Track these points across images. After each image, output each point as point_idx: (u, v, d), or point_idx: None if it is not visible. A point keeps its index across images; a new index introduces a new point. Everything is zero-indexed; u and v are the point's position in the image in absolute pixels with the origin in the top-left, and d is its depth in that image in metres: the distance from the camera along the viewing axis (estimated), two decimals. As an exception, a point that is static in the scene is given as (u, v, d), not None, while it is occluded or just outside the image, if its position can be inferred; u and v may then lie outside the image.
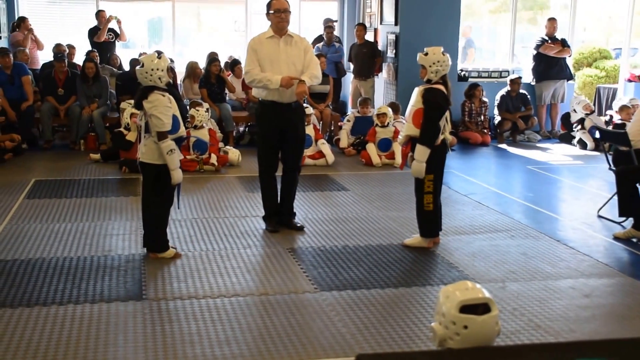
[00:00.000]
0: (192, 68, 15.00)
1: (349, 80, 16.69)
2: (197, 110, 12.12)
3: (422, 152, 7.64)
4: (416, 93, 7.74)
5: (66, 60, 14.34)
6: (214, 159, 11.85)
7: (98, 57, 15.27)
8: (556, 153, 14.37)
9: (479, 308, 3.36)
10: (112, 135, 12.93)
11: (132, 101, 10.17)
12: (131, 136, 11.77)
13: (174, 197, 7.52)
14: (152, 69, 7.20)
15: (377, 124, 12.90)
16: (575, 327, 6.07)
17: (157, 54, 7.38)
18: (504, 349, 3.47)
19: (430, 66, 7.64)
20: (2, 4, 16.30)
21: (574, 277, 7.21)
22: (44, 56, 16.03)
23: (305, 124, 9.53)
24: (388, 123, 12.86)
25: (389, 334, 5.81)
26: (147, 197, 7.52)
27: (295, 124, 8.50)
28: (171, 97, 7.32)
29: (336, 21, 17.50)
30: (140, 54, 15.60)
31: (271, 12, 8.29)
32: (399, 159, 12.40)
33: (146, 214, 7.55)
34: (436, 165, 7.78)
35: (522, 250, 8.02)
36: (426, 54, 7.68)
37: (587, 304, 6.55)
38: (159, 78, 7.22)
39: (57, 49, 15.05)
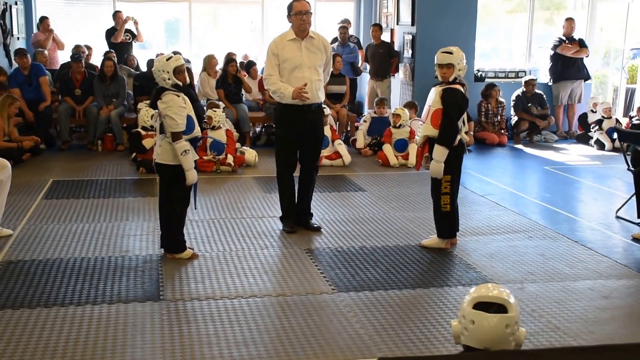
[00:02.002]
0: (208, 61, 14.99)
1: (365, 81, 16.67)
2: (215, 111, 12.11)
3: (440, 153, 7.60)
4: (434, 93, 7.69)
5: (83, 61, 14.36)
6: (230, 159, 11.84)
7: (116, 58, 15.29)
8: (573, 153, 14.32)
9: (493, 307, 3.35)
10: (130, 135, 12.93)
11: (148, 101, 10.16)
12: (148, 143, 11.74)
13: (191, 197, 7.52)
14: (159, 70, 7.22)
15: (392, 125, 12.88)
16: (594, 328, 6.03)
17: (169, 55, 7.36)
18: (522, 353, 3.43)
19: (458, 63, 7.57)
20: (20, 5, 16.34)
21: (592, 278, 7.18)
22: (64, 57, 16.06)
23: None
24: (400, 125, 12.82)
25: (407, 335, 5.79)
26: (163, 198, 7.53)
27: (314, 125, 8.50)
28: (186, 97, 7.31)
29: (345, 21, 17.43)
30: (157, 55, 15.64)
31: (292, 14, 8.26)
32: (413, 160, 12.38)
33: (163, 214, 7.55)
34: (454, 166, 7.75)
35: (540, 251, 7.99)
36: (452, 53, 7.61)
37: (606, 305, 6.52)
38: (164, 80, 7.22)
39: (76, 50, 15.08)
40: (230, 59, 14.70)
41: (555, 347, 5.55)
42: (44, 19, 15.87)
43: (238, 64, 14.83)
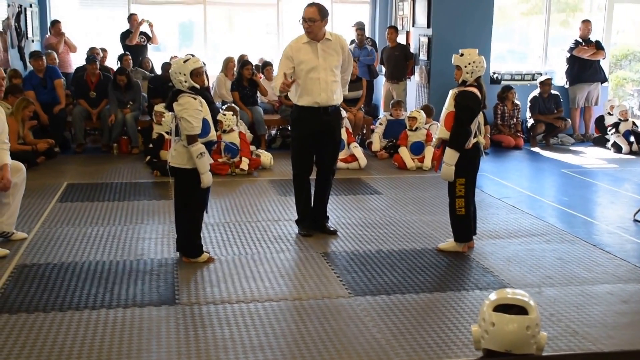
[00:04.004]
0: (226, 63, 14.98)
1: (381, 83, 16.64)
2: (224, 115, 12.07)
3: (450, 155, 7.59)
4: (450, 96, 7.69)
5: (98, 63, 14.35)
6: (245, 163, 11.81)
7: (131, 61, 15.28)
8: (590, 156, 14.24)
9: (513, 309, 3.32)
10: (151, 140, 12.82)
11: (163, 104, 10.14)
12: (164, 155, 11.68)
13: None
14: (175, 72, 7.18)
15: (408, 127, 12.84)
16: (613, 333, 5.98)
17: (186, 58, 7.33)
18: (545, 359, 3.40)
19: (465, 67, 7.57)
20: (35, 7, 16.37)
21: (611, 282, 7.12)
22: (77, 60, 16.07)
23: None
24: (417, 127, 12.77)
25: (425, 340, 5.75)
26: (179, 202, 7.50)
27: (332, 127, 8.47)
28: (203, 100, 7.28)
29: (359, 24, 17.41)
30: (171, 58, 15.62)
31: (300, 19, 8.26)
32: (428, 162, 12.39)
33: (179, 218, 7.52)
34: (467, 169, 7.72)
35: (557, 254, 7.93)
36: (461, 55, 7.62)
37: (625, 310, 6.47)
38: (180, 82, 7.18)
39: (91, 52, 15.09)
40: (245, 61, 14.68)
41: (575, 352, 5.50)
42: (55, 23, 15.90)
43: (254, 67, 14.80)
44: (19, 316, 6.06)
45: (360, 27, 16.68)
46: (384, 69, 16.13)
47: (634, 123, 14.80)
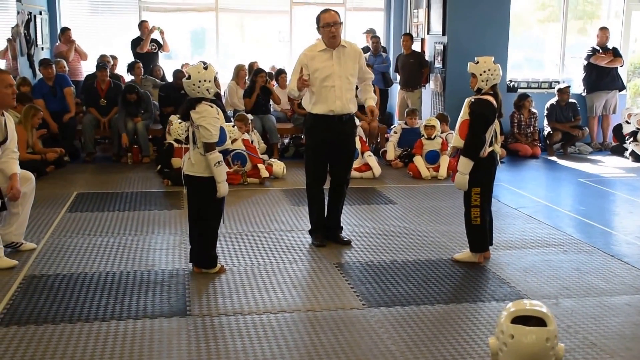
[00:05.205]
0: (238, 71, 14.92)
1: (395, 92, 16.57)
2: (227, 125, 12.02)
3: (464, 164, 7.54)
4: (465, 104, 7.62)
5: (108, 70, 14.31)
6: (263, 171, 11.75)
7: (142, 69, 15.23)
8: (608, 165, 14.15)
9: (531, 321, 3.29)
10: (160, 148, 12.79)
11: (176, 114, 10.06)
12: (176, 162, 11.64)
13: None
14: (200, 80, 7.06)
15: (423, 136, 12.75)
16: (632, 345, 5.88)
17: (203, 65, 7.23)
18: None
19: (480, 74, 7.51)
20: (45, 14, 16.34)
21: (629, 293, 7.02)
22: (88, 68, 16.04)
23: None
24: (435, 136, 12.69)
25: (440, 352, 5.65)
26: (193, 212, 7.41)
27: (346, 136, 8.39)
28: (219, 108, 7.21)
29: (371, 31, 17.38)
30: (183, 65, 15.57)
31: (321, 26, 8.15)
32: (443, 172, 12.32)
33: (195, 229, 7.43)
34: (483, 178, 7.64)
35: (575, 265, 7.83)
36: (477, 63, 7.55)
37: (644, 321, 6.37)
38: (207, 89, 7.10)
39: (101, 60, 15.05)
40: (258, 69, 14.64)
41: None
42: (65, 30, 15.90)
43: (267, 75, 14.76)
44: (28, 328, 5.99)
45: (374, 34, 16.63)
46: (398, 77, 16.06)
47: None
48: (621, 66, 15.92)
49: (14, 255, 7.77)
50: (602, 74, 15.68)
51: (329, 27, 8.08)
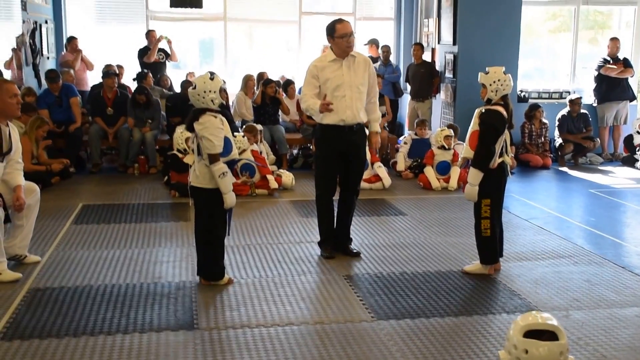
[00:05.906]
0: (246, 81, 14.88)
1: (406, 102, 16.53)
2: (235, 136, 11.96)
3: (474, 175, 7.49)
4: (475, 114, 7.58)
5: (116, 78, 14.26)
6: (272, 182, 11.70)
7: (152, 79, 15.19)
8: (619, 176, 14.10)
9: (544, 335, 3.29)
10: (166, 157, 12.76)
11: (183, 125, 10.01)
12: (188, 159, 11.60)
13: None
14: (205, 91, 7.02)
15: (440, 146, 12.66)
16: (643, 358, 5.83)
17: (209, 75, 7.17)
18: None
19: (490, 85, 7.48)
20: (50, 24, 16.32)
21: (641, 305, 6.97)
22: (94, 78, 16.02)
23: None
24: (450, 147, 12.63)
25: (450, 366, 5.58)
26: (200, 224, 7.35)
27: (356, 146, 8.33)
28: (223, 118, 7.16)
29: (373, 41, 17.37)
30: (188, 75, 15.51)
31: (336, 37, 8.08)
32: (453, 183, 12.26)
33: (201, 241, 7.37)
34: (493, 190, 7.59)
35: (585, 277, 7.78)
36: (487, 73, 7.51)
37: (656, 334, 6.31)
38: (212, 100, 7.05)
39: (107, 69, 14.98)
40: (268, 79, 14.61)
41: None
42: (72, 39, 15.89)
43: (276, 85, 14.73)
44: (32, 342, 5.93)
45: (376, 44, 16.65)
46: (409, 87, 16.01)
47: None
48: (632, 76, 15.87)
49: (17, 268, 7.72)
50: (612, 85, 15.64)
51: (346, 37, 8.04)
